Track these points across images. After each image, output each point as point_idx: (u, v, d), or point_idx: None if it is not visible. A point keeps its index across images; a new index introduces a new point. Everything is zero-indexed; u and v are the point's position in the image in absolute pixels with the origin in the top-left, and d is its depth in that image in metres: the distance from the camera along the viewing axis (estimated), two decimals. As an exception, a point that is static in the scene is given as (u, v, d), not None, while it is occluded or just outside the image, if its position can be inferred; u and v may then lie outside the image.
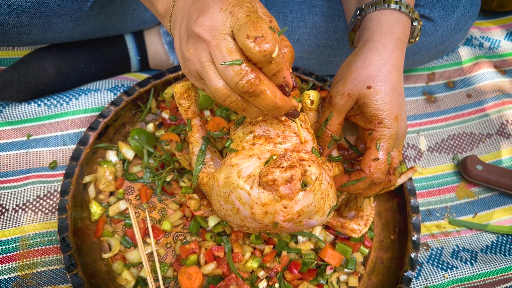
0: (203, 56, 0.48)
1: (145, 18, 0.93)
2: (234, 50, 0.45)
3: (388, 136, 0.59)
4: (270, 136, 0.59)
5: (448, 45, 0.95)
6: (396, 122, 0.59)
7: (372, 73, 0.60)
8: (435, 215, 0.92)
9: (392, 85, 0.60)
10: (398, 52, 0.62)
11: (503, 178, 0.93)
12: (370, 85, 0.59)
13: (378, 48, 0.62)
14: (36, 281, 0.75)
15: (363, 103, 0.60)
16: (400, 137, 0.61)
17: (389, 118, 0.59)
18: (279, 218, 0.56)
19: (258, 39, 0.43)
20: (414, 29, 0.68)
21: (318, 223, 0.60)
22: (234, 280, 0.73)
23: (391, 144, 0.60)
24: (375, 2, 0.65)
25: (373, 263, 0.81)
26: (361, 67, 0.61)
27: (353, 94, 0.60)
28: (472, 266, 0.84)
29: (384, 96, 0.59)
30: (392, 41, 0.62)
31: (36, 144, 0.89)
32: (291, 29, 0.93)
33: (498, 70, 1.12)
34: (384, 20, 0.64)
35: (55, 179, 0.86)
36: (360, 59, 0.62)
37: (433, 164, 0.99)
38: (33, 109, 0.91)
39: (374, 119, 0.59)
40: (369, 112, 0.60)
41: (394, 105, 0.60)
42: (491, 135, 1.02)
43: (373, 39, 0.63)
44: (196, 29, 0.47)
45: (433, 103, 1.07)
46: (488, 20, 1.22)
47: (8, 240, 0.78)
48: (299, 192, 0.55)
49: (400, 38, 0.63)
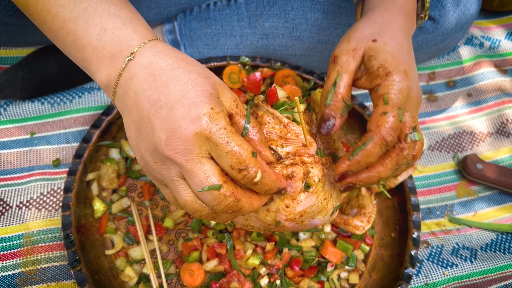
0: (173, 173, 0.45)
1: (148, 17, 0.94)
2: (211, 174, 0.43)
3: (397, 89, 0.52)
4: (272, 138, 0.58)
5: (449, 43, 0.96)
6: (405, 77, 0.53)
7: (377, 29, 0.57)
8: (435, 213, 0.93)
9: (398, 40, 0.56)
10: (402, 16, 0.59)
11: (503, 176, 0.93)
12: (376, 39, 0.56)
13: (380, 11, 0.59)
14: (40, 277, 0.76)
15: (369, 56, 0.55)
16: (412, 97, 0.54)
17: (397, 70, 0.53)
18: (281, 218, 0.56)
19: (242, 170, 0.43)
20: (422, 5, 0.65)
21: (321, 223, 0.60)
22: (236, 276, 0.74)
23: (401, 100, 0.53)
24: None
25: (374, 260, 0.82)
26: (365, 26, 0.58)
27: (359, 49, 0.56)
28: (472, 264, 0.85)
29: (391, 48, 0.55)
30: (394, 7, 0.59)
31: (40, 142, 0.89)
32: (292, 27, 0.93)
33: (499, 70, 1.12)
34: None
35: (58, 176, 0.86)
36: (364, 19, 0.60)
37: (434, 163, 1.00)
38: (36, 107, 0.92)
39: (381, 71, 0.54)
40: (375, 64, 0.54)
41: (402, 59, 0.55)
42: (491, 134, 1.03)
43: (375, 6, 0.61)
44: (167, 152, 0.43)
45: (433, 102, 1.07)
46: (488, 20, 1.23)
47: (12, 236, 0.79)
48: (302, 194, 0.54)
49: (403, 6, 0.60)
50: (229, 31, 0.95)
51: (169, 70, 0.46)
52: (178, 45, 0.98)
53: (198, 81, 0.45)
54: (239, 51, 0.97)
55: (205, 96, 0.44)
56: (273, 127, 0.58)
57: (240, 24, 0.95)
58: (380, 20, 0.58)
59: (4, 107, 0.91)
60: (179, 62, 0.47)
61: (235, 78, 0.91)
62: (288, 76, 0.89)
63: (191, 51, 0.99)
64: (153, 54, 0.48)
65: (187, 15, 0.98)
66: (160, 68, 0.46)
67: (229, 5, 0.96)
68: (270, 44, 0.96)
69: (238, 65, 0.91)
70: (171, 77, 0.45)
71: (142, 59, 0.47)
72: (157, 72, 0.46)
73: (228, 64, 0.91)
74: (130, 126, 0.48)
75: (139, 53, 0.48)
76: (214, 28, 0.96)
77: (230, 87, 0.91)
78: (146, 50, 0.48)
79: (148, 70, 0.46)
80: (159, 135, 0.44)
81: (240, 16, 0.95)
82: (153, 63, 0.47)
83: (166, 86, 0.45)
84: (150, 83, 0.46)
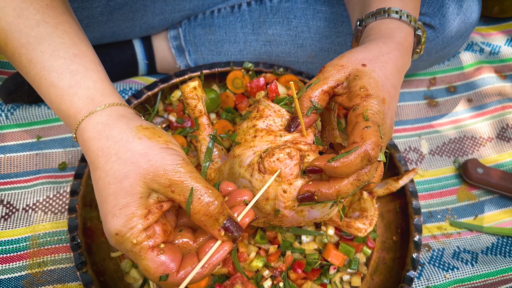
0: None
1: (153, 23, 0.96)
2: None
3: (375, 110, 0.53)
4: (272, 129, 0.60)
5: (449, 51, 0.97)
6: (383, 103, 0.54)
7: (370, 57, 0.58)
8: (436, 217, 0.94)
9: (386, 73, 0.57)
10: (398, 52, 0.60)
11: (503, 181, 0.94)
12: (365, 64, 0.57)
13: (378, 43, 0.60)
14: (46, 279, 0.77)
15: (354, 75, 0.56)
16: (386, 125, 0.55)
17: (377, 95, 0.54)
18: (280, 205, 0.57)
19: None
20: (419, 39, 0.67)
21: (320, 215, 0.60)
22: (239, 279, 0.74)
23: (379, 120, 0.53)
24: (375, 13, 0.65)
25: (376, 263, 0.83)
26: (360, 51, 0.59)
27: (347, 66, 0.57)
28: (473, 267, 0.86)
29: (376, 76, 0.56)
30: (392, 43, 0.60)
31: (46, 146, 0.91)
32: (295, 34, 0.95)
33: (499, 75, 1.13)
34: (384, 27, 0.63)
35: (64, 180, 0.88)
36: (362, 46, 0.61)
37: (435, 167, 1.01)
38: (43, 111, 0.93)
39: (362, 92, 0.54)
40: (358, 84, 0.55)
41: (384, 88, 0.56)
42: (492, 139, 1.04)
43: (375, 38, 0.62)
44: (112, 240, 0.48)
45: (434, 107, 1.08)
46: (489, 26, 1.24)
47: (19, 239, 0.80)
48: (298, 180, 0.55)
49: (401, 43, 0.62)
50: (233, 37, 0.97)
51: (92, 170, 0.50)
52: (183, 51, 1.00)
53: (110, 192, 0.47)
54: (243, 58, 0.99)
55: (113, 216, 0.46)
56: (274, 120, 0.61)
57: (244, 31, 0.97)
58: (375, 50, 0.59)
59: (11, 111, 0.92)
60: (99, 161, 0.48)
61: (238, 83, 0.92)
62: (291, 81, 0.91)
63: (196, 57, 1.00)
64: (83, 142, 0.51)
65: (192, 22, 0.99)
66: (89, 161, 0.51)
67: (233, 12, 0.97)
68: (273, 51, 0.97)
69: (242, 71, 0.92)
70: (93, 179, 0.50)
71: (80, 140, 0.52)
72: (89, 163, 0.51)
73: (232, 70, 0.92)
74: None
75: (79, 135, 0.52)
76: (218, 34, 0.97)
77: (233, 92, 0.93)
78: (79, 135, 0.52)
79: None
80: (104, 216, 0.48)
81: (243, 23, 0.96)
82: (86, 148, 0.51)
83: (94, 184, 0.50)
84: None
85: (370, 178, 0.53)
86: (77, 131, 0.51)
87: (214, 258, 0.48)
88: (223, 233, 0.47)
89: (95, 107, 0.50)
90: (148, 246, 0.46)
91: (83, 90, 0.51)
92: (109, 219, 0.46)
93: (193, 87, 0.65)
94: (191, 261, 0.48)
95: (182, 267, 0.47)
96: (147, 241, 0.46)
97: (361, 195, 0.83)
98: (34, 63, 0.50)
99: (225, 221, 0.47)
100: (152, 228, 0.47)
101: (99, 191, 0.48)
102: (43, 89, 0.51)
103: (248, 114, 0.65)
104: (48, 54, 0.50)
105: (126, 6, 0.86)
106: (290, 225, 0.63)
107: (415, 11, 0.67)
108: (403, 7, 0.64)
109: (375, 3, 0.66)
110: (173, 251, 0.48)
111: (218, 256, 0.48)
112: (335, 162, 0.50)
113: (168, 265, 0.46)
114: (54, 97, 0.51)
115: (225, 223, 0.47)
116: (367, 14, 0.66)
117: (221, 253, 0.48)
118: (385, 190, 0.84)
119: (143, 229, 0.46)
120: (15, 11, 0.50)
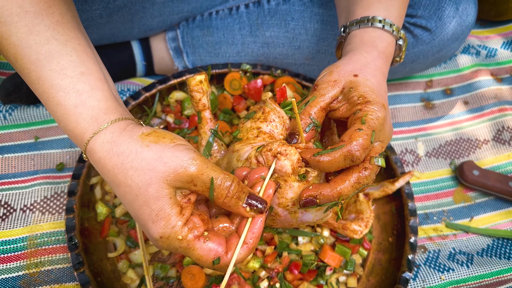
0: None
1: (152, 25, 0.96)
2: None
3: (375, 116, 0.54)
4: (274, 136, 0.61)
5: (445, 53, 0.98)
6: (384, 108, 0.56)
7: (358, 67, 0.60)
8: (432, 219, 0.94)
9: (378, 80, 0.59)
10: (381, 60, 0.62)
11: (499, 183, 0.95)
12: (357, 74, 0.59)
13: (362, 53, 0.62)
14: (43, 279, 0.77)
15: (349, 88, 0.58)
16: (386, 129, 0.57)
17: (376, 102, 0.56)
18: (274, 201, 0.57)
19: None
20: (399, 48, 0.68)
21: (313, 218, 0.60)
22: (236, 279, 0.75)
23: (377, 125, 0.54)
24: (359, 21, 0.66)
25: (372, 264, 0.83)
26: (347, 63, 0.60)
27: (339, 81, 0.59)
28: (468, 269, 0.86)
29: (371, 84, 0.58)
30: (375, 52, 0.62)
31: (44, 146, 0.91)
32: (292, 36, 0.95)
33: (495, 78, 1.14)
34: (367, 36, 0.65)
35: (62, 180, 0.88)
36: (346, 58, 0.62)
37: (431, 169, 1.01)
38: (41, 112, 0.94)
39: (362, 100, 0.56)
40: (355, 95, 0.57)
41: (380, 95, 0.57)
42: (488, 141, 1.05)
43: (356, 48, 0.64)
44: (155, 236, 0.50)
45: (431, 110, 1.09)
46: (485, 29, 1.25)
47: (16, 239, 0.80)
48: (295, 182, 0.55)
49: (383, 52, 0.63)
50: (231, 39, 0.97)
51: (115, 188, 0.52)
52: (181, 52, 1.00)
53: (140, 203, 0.49)
54: (241, 59, 0.99)
55: (152, 222, 0.49)
56: (276, 127, 0.62)
57: (242, 33, 0.97)
58: (361, 60, 0.61)
59: (9, 112, 0.93)
60: (118, 178, 0.50)
61: (236, 85, 0.92)
62: (288, 83, 0.91)
63: (194, 59, 1.01)
64: (95, 161, 0.53)
65: (190, 24, 1.00)
66: (108, 180, 0.52)
67: (231, 14, 0.98)
68: (271, 52, 0.98)
69: (239, 72, 0.93)
70: (119, 195, 0.51)
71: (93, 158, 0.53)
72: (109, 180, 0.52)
73: (230, 71, 0.93)
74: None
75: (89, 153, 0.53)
76: (216, 36, 0.98)
77: (231, 94, 0.93)
78: (89, 156, 0.53)
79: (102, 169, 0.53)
80: (144, 222, 0.50)
81: (241, 25, 0.97)
82: (100, 168, 0.52)
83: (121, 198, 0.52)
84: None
85: (370, 181, 0.55)
86: (86, 152, 0.52)
87: (255, 230, 0.51)
88: (248, 209, 0.51)
89: (99, 127, 0.51)
90: (193, 238, 0.49)
91: (88, 110, 0.52)
92: (149, 226, 0.49)
93: (199, 81, 0.66)
94: (235, 241, 0.51)
95: (229, 249, 0.50)
96: (191, 233, 0.49)
97: (357, 198, 0.83)
98: (43, 80, 0.51)
99: (247, 198, 0.51)
100: (191, 221, 0.50)
101: (130, 204, 0.50)
102: (51, 108, 0.53)
103: (253, 113, 0.65)
104: (56, 73, 0.51)
105: (125, 9, 0.86)
106: (282, 226, 0.63)
107: (399, 20, 0.68)
108: (387, 16, 0.66)
109: (359, 11, 0.67)
110: (217, 236, 0.51)
111: (257, 228, 0.51)
112: (319, 156, 0.53)
113: (217, 249, 0.50)
114: (61, 117, 0.52)
115: (247, 200, 0.51)
116: (351, 22, 0.68)
117: (259, 224, 0.51)
118: (381, 192, 0.85)
119: (183, 224, 0.49)
120: (27, 27, 0.51)
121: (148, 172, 0.48)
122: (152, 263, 0.79)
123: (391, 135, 0.60)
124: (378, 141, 0.57)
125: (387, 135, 0.58)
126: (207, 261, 0.50)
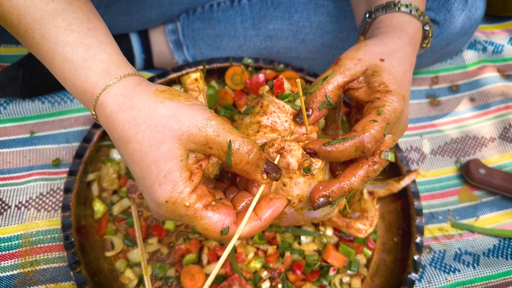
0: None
1: (151, 17, 0.93)
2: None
3: (393, 107, 0.53)
4: (276, 127, 0.59)
5: (453, 47, 0.96)
6: (403, 100, 0.54)
7: (387, 51, 0.57)
8: (437, 218, 0.92)
9: (404, 69, 0.57)
10: (410, 48, 0.60)
11: (505, 182, 0.93)
12: (383, 59, 0.56)
13: (393, 38, 0.59)
14: (38, 279, 0.75)
15: (373, 71, 0.56)
16: (401, 122, 0.56)
17: (397, 92, 0.54)
18: None
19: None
20: (427, 34, 0.66)
21: (320, 214, 0.59)
22: (237, 280, 0.73)
23: (393, 118, 0.53)
24: (385, 5, 0.64)
25: (376, 265, 0.82)
26: (377, 45, 0.58)
27: (364, 61, 0.56)
28: (474, 269, 0.84)
29: (396, 72, 0.55)
30: (406, 37, 0.60)
31: (40, 141, 0.89)
32: (296, 29, 0.93)
33: (502, 75, 1.12)
34: (395, 20, 0.62)
35: (58, 176, 0.86)
36: (377, 39, 0.60)
37: (436, 167, 0.99)
38: (37, 106, 0.91)
39: (383, 88, 0.54)
40: (377, 81, 0.55)
41: (403, 85, 0.56)
42: (494, 139, 1.03)
43: (387, 31, 0.61)
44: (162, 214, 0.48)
45: (436, 106, 1.07)
46: (492, 25, 1.22)
47: (10, 237, 0.78)
48: (300, 178, 0.54)
49: (412, 37, 0.61)
50: (233, 32, 0.95)
51: (122, 144, 0.48)
52: (181, 45, 0.98)
53: (149, 161, 0.46)
54: (242, 53, 0.97)
55: (159, 184, 0.46)
56: (278, 116, 0.59)
57: (244, 26, 0.94)
58: (391, 44, 0.58)
59: (4, 106, 0.90)
60: (128, 133, 0.47)
61: (237, 79, 0.90)
62: (291, 78, 0.89)
63: (194, 52, 0.98)
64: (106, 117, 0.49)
65: (190, 16, 0.97)
66: (116, 136, 0.49)
67: (233, 6, 0.95)
68: (274, 46, 0.95)
69: (241, 67, 0.90)
70: (126, 153, 0.48)
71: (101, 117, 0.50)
72: (116, 140, 0.49)
73: (231, 66, 0.90)
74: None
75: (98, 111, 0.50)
76: (217, 29, 0.95)
77: (232, 89, 0.91)
78: (99, 111, 0.49)
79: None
80: (151, 193, 0.47)
81: (243, 18, 0.94)
82: (110, 123, 0.49)
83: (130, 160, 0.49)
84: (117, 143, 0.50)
85: (377, 175, 0.55)
86: (96, 107, 0.49)
87: (271, 210, 0.49)
88: (265, 176, 0.49)
89: (111, 80, 0.48)
90: (201, 206, 0.47)
91: (98, 63, 0.49)
92: (155, 188, 0.46)
93: (194, 79, 0.63)
94: (244, 213, 0.49)
95: (239, 221, 0.48)
96: (199, 201, 0.47)
97: (361, 196, 0.81)
98: (48, 38, 0.49)
99: (265, 165, 0.49)
100: (200, 188, 0.48)
101: (137, 163, 0.47)
102: (56, 65, 0.50)
103: (251, 109, 0.63)
104: (62, 29, 0.49)
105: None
106: (288, 224, 0.62)
107: (422, 5, 0.66)
108: (412, 1, 0.63)
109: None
110: (226, 206, 0.49)
111: (275, 208, 0.49)
112: (330, 146, 0.52)
113: (226, 219, 0.47)
114: (68, 73, 0.49)
115: (265, 167, 0.49)
116: (376, 7, 0.65)
117: (278, 205, 0.49)
118: (386, 191, 0.83)
119: (192, 191, 0.46)
120: None
121: (162, 129, 0.45)
122: (151, 263, 0.77)
123: (404, 129, 0.58)
124: (390, 133, 0.55)
125: (400, 129, 0.57)
126: (215, 231, 0.47)
